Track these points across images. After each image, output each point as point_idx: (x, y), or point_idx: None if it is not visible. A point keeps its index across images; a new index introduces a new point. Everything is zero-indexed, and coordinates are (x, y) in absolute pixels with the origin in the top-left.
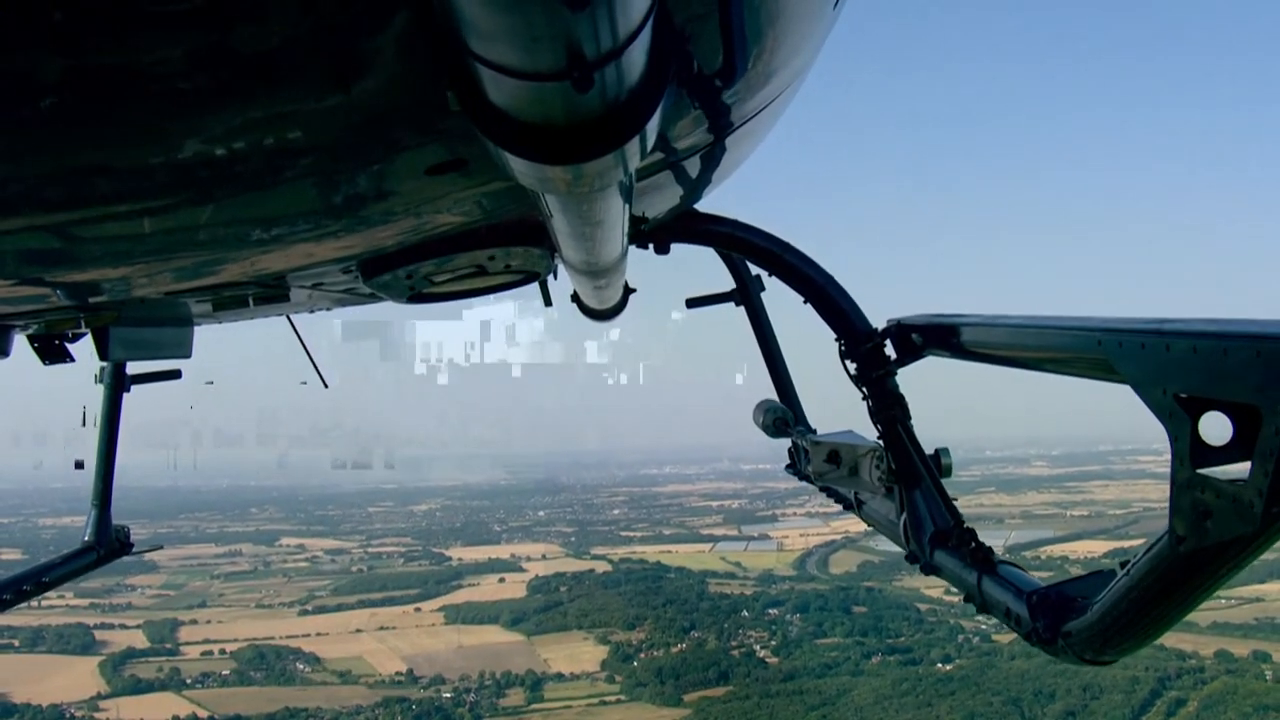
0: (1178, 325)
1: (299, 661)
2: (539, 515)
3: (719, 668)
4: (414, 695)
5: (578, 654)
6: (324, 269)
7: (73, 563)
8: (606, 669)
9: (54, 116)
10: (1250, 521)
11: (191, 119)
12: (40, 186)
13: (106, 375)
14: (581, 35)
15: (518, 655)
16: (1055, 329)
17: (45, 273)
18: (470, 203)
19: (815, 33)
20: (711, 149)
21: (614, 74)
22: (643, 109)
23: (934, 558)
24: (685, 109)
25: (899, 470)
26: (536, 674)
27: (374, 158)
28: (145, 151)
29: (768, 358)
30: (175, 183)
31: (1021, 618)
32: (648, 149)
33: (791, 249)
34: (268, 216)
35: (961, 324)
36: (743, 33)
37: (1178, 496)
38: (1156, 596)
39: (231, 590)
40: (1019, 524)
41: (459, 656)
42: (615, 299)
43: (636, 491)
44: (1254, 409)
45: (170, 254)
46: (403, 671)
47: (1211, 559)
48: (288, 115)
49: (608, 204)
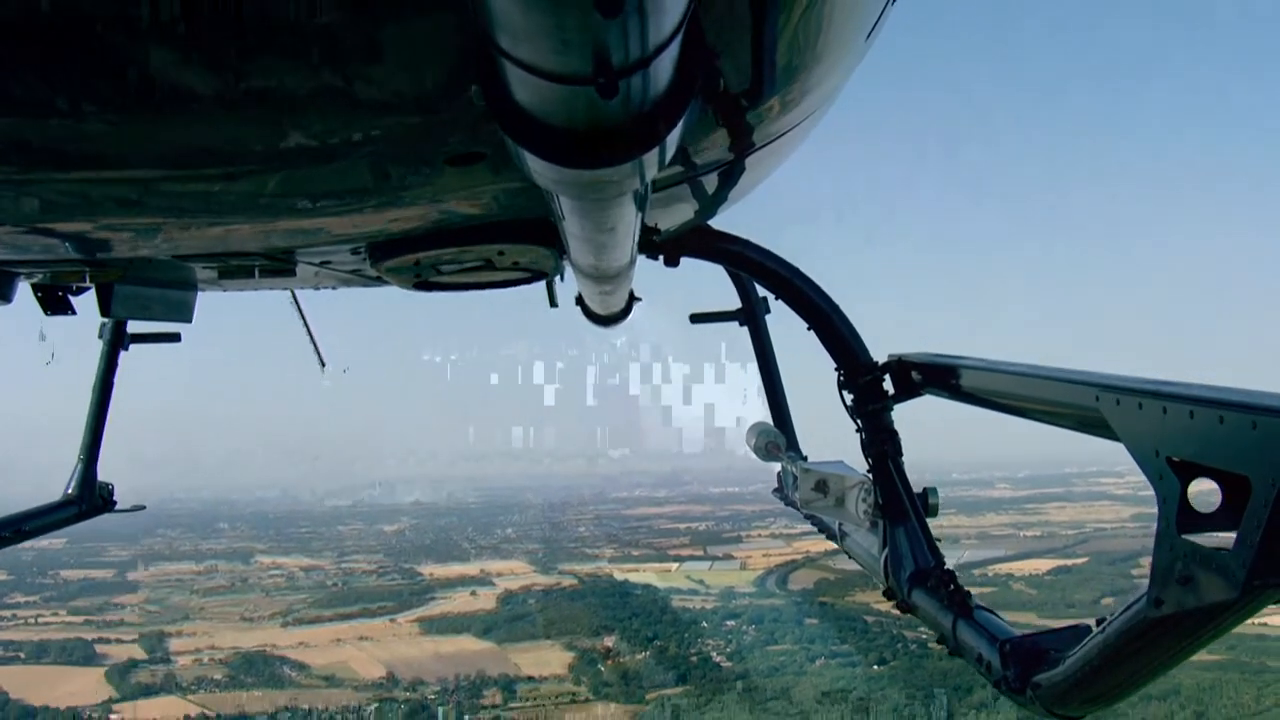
0: (1176, 389)
1: (286, 668)
2: (507, 533)
3: (678, 671)
4: (399, 696)
5: (547, 660)
6: (334, 248)
7: (54, 514)
8: (574, 673)
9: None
10: (1231, 590)
11: (217, 93)
12: (62, 139)
13: (106, 332)
14: (611, 42)
15: (491, 661)
16: (1053, 381)
17: (57, 222)
18: (485, 196)
19: (845, 62)
20: (730, 167)
21: (640, 83)
22: (665, 120)
23: (911, 596)
24: (708, 125)
25: (885, 505)
26: (510, 677)
27: (396, 143)
28: (170, 120)
29: (766, 380)
30: (197, 152)
31: (993, 665)
32: (666, 160)
33: (801, 275)
34: (285, 191)
35: (962, 366)
36: (772, 56)
37: (1160, 559)
38: (1130, 655)
39: (213, 605)
40: (974, 544)
41: (436, 662)
42: (620, 306)
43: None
44: (1244, 480)
45: (185, 218)
46: (385, 676)
47: (1189, 624)
48: (315, 96)
49: (621, 211)
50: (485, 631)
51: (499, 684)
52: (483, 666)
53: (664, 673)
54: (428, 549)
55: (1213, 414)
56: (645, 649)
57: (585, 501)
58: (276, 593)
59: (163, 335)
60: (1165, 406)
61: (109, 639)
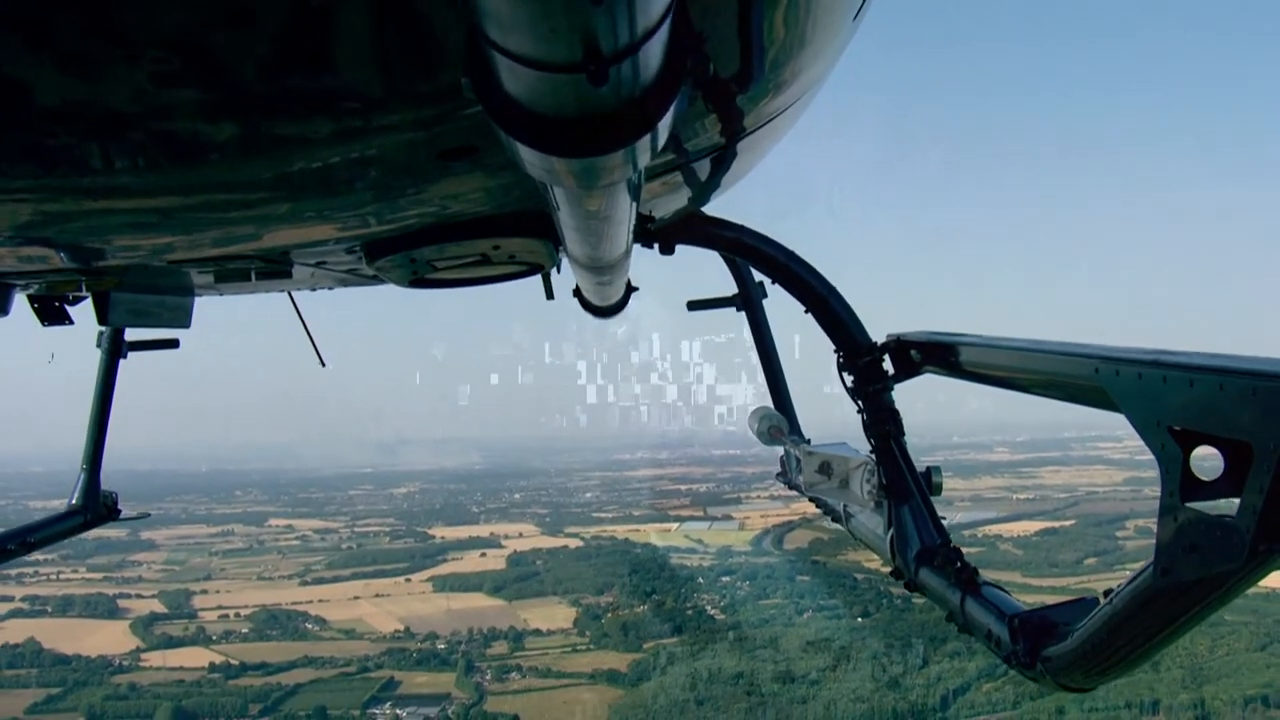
0: (1176, 358)
1: (306, 622)
2: (515, 498)
3: (674, 623)
4: (412, 647)
5: (553, 615)
6: (329, 248)
7: (59, 524)
8: (578, 626)
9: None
10: (1236, 558)
11: (202, 93)
12: (53, 150)
13: (104, 340)
14: (600, 29)
15: (500, 616)
16: (1052, 354)
17: (51, 234)
18: (479, 190)
19: (834, 43)
20: (723, 153)
21: (629, 70)
22: (656, 107)
23: (918, 575)
24: (698, 110)
25: (889, 485)
26: (518, 630)
27: (387, 139)
28: (160, 123)
29: (766, 365)
30: (189, 156)
31: (1002, 640)
32: (659, 147)
33: (796, 258)
34: (278, 191)
35: (960, 343)
36: (761, 38)
37: (1165, 528)
38: (1138, 626)
39: (231, 565)
40: (967, 506)
41: (449, 618)
42: (617, 296)
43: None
44: (1246, 446)
45: (179, 223)
46: (400, 629)
47: (1195, 592)
48: (304, 92)
49: (615, 200)
50: (495, 589)
51: (507, 636)
52: (493, 621)
53: (661, 624)
54: (438, 512)
55: (1213, 381)
56: (644, 603)
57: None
58: (291, 554)
59: (161, 342)
60: (1165, 376)
61: (130, 594)
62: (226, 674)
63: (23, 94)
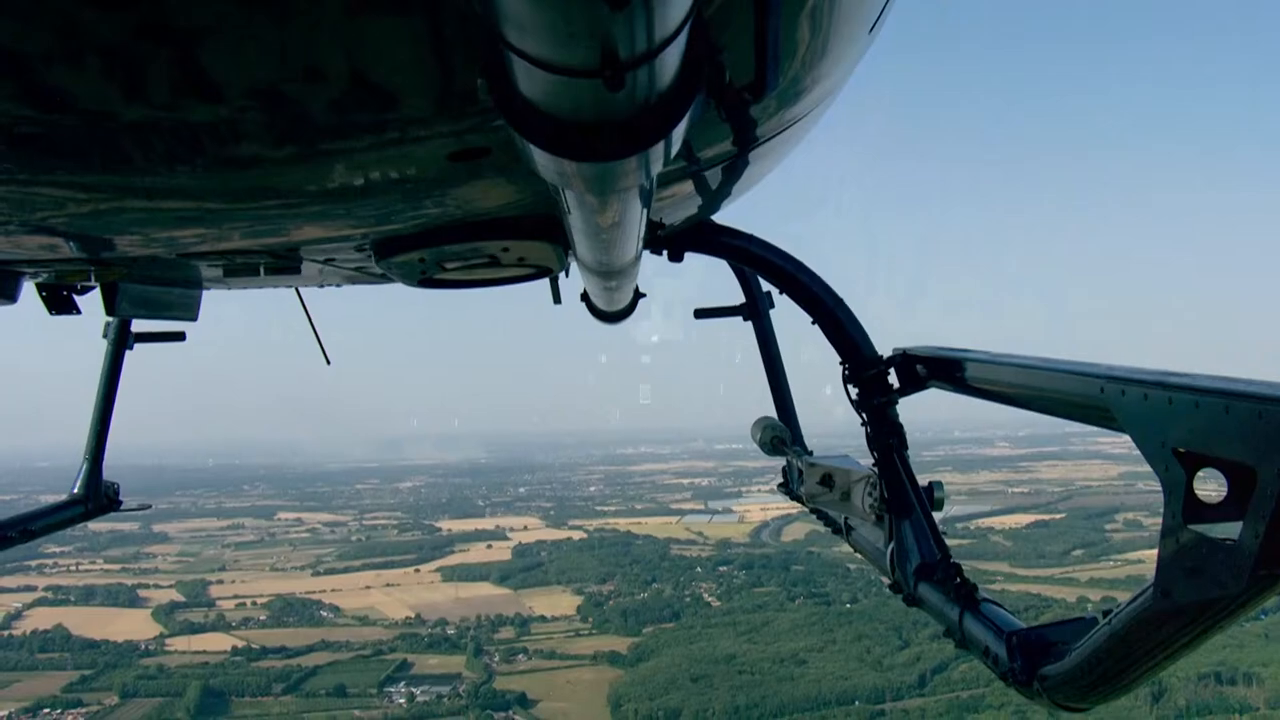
0: (1182, 379)
1: (321, 610)
2: (519, 492)
3: (672, 609)
4: (424, 633)
5: (557, 603)
6: (338, 245)
7: (60, 514)
8: (581, 613)
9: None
10: (1237, 581)
11: (220, 90)
12: (66, 140)
13: (111, 331)
14: (618, 34)
15: (507, 604)
16: (1058, 372)
17: (61, 223)
18: (490, 192)
19: (849, 55)
20: (735, 162)
21: (646, 76)
22: (671, 113)
23: (918, 590)
24: (712, 119)
25: (891, 499)
26: (524, 616)
27: (400, 139)
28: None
29: (770, 375)
30: (201, 150)
31: (1000, 657)
32: (672, 154)
33: (805, 269)
34: (290, 188)
35: (966, 359)
36: (777, 49)
37: (1167, 550)
38: (1136, 647)
39: (244, 557)
40: (962, 500)
41: (457, 605)
42: (625, 302)
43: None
44: (1250, 469)
45: (190, 216)
46: (411, 617)
47: (1196, 614)
48: (319, 91)
49: (626, 206)
50: (502, 579)
51: (514, 622)
52: (500, 608)
53: (660, 610)
54: (444, 506)
55: (1219, 404)
56: (644, 591)
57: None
58: (302, 545)
59: (168, 334)
60: (1171, 397)
61: (148, 584)
62: (249, 656)
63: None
